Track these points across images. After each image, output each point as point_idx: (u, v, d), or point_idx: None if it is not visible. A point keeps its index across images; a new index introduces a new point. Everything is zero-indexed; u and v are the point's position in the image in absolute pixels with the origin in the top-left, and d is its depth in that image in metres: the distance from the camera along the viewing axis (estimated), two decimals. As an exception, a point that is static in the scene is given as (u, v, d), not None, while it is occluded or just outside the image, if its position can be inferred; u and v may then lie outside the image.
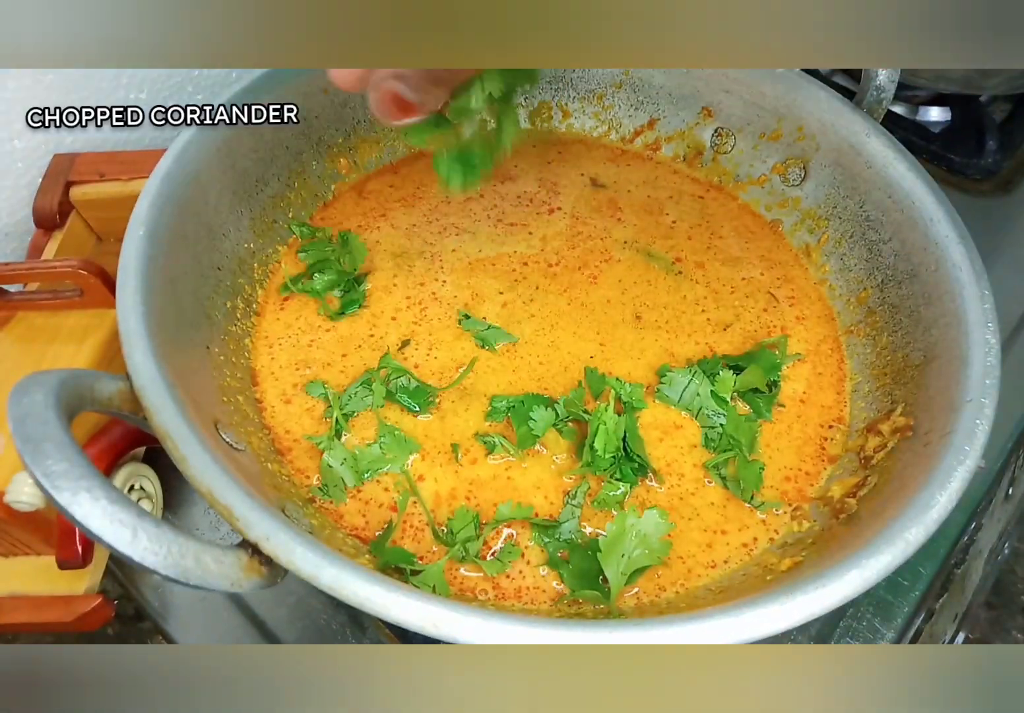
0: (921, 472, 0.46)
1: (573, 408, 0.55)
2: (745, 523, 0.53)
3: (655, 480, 0.54)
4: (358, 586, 0.37)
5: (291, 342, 0.59)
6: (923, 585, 0.60)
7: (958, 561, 0.64)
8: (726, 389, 0.57)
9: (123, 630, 0.59)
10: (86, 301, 0.57)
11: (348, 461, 0.52)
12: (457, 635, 0.36)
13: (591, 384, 0.57)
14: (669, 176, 0.74)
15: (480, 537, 0.50)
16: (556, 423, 0.54)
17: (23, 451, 0.33)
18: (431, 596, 0.37)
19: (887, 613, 0.58)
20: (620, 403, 0.55)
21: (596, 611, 0.48)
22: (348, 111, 0.67)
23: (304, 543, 0.37)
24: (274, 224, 0.63)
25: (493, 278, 0.64)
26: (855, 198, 0.64)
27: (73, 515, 0.33)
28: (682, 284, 0.65)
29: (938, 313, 0.55)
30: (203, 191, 0.55)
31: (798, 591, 0.39)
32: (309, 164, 0.66)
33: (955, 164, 0.86)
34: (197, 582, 0.35)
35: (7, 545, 0.52)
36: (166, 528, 0.34)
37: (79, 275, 0.54)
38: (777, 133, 0.69)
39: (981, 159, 0.85)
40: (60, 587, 0.52)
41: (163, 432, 0.40)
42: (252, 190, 0.61)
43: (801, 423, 0.58)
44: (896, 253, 0.60)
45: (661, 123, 0.74)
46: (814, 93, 0.66)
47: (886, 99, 0.63)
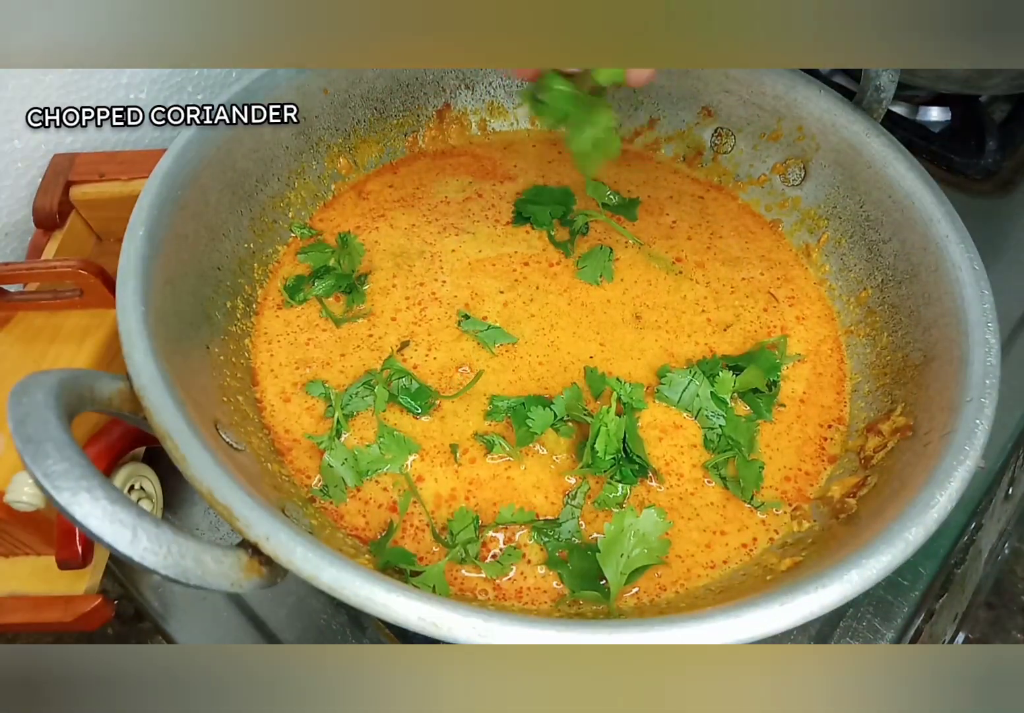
0: (921, 472, 0.46)
1: (574, 409, 0.55)
2: (745, 523, 0.53)
3: (655, 480, 0.54)
4: (358, 586, 0.37)
5: (289, 340, 0.59)
6: (923, 585, 0.60)
7: (958, 561, 0.64)
8: (725, 390, 0.57)
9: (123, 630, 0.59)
10: (86, 301, 0.57)
11: (349, 461, 0.52)
12: (457, 635, 0.36)
13: (591, 384, 0.57)
14: (669, 176, 0.74)
15: (479, 539, 0.50)
16: (554, 423, 0.54)
17: (23, 451, 0.33)
18: (431, 596, 0.37)
19: (887, 613, 0.58)
20: (620, 404, 0.55)
21: (596, 611, 0.48)
22: (348, 111, 0.67)
23: (304, 543, 0.37)
24: (274, 224, 0.63)
25: (493, 278, 0.64)
26: (855, 198, 0.64)
27: (73, 515, 0.33)
28: (682, 284, 0.65)
29: (938, 313, 0.55)
30: (203, 191, 0.55)
31: (798, 591, 0.39)
32: (309, 164, 0.66)
33: (955, 164, 0.86)
34: (197, 582, 0.35)
35: (7, 545, 0.52)
36: (166, 528, 0.34)
37: (79, 275, 0.54)
38: (777, 133, 0.69)
39: (981, 159, 0.85)
40: (60, 587, 0.52)
41: (163, 432, 0.40)
42: (252, 190, 0.61)
43: (801, 423, 0.58)
44: (896, 253, 0.60)
45: (661, 123, 0.74)
46: (814, 93, 0.66)
47: (886, 99, 0.63)
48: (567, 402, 0.55)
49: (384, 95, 0.69)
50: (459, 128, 0.74)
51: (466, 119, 0.74)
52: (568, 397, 0.55)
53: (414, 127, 0.72)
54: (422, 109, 0.72)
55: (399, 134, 0.72)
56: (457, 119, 0.74)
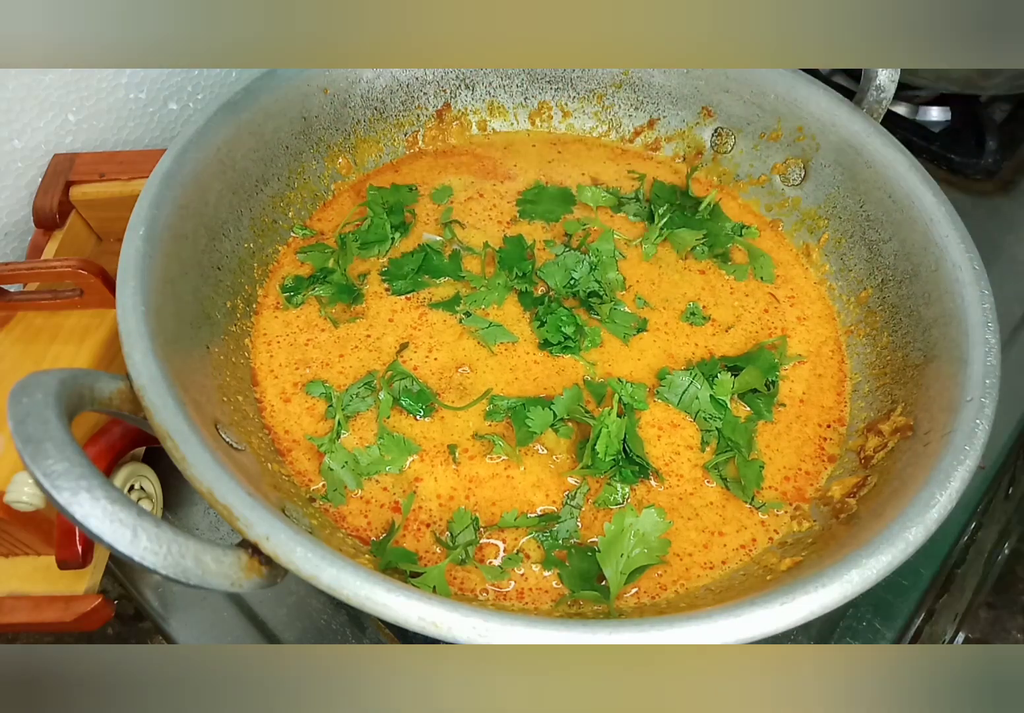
0: (921, 472, 0.46)
1: (575, 411, 0.55)
2: (744, 524, 0.53)
3: (656, 480, 0.54)
4: (358, 586, 0.37)
5: (289, 341, 0.59)
6: (923, 585, 0.60)
7: (958, 561, 0.64)
8: (725, 391, 0.57)
9: (123, 630, 0.59)
10: (86, 301, 0.57)
11: (349, 464, 0.52)
12: (457, 635, 0.36)
13: (591, 389, 0.57)
14: (669, 176, 0.74)
15: (479, 540, 0.50)
16: (554, 423, 0.54)
17: (23, 451, 0.33)
18: (431, 596, 0.37)
19: (887, 613, 0.58)
20: (621, 405, 0.55)
21: (596, 611, 0.48)
22: (348, 111, 0.67)
23: (304, 543, 0.37)
24: (274, 224, 0.63)
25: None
26: (855, 198, 0.64)
27: (73, 515, 0.33)
28: (683, 284, 0.65)
29: (938, 313, 0.55)
30: (203, 191, 0.55)
31: (798, 591, 0.39)
32: (309, 164, 0.66)
33: (955, 164, 0.86)
34: (197, 582, 0.35)
35: (7, 545, 0.52)
36: (166, 528, 0.34)
37: (79, 275, 0.54)
38: (777, 133, 0.69)
39: (981, 159, 0.85)
40: (60, 587, 0.52)
41: (163, 432, 0.40)
42: (252, 190, 0.61)
43: (801, 423, 0.58)
44: (896, 253, 0.60)
45: (661, 123, 0.74)
46: (814, 93, 0.66)
47: (886, 99, 0.63)
48: (567, 403, 0.55)
49: (384, 95, 0.69)
50: (459, 128, 0.74)
51: (466, 119, 0.74)
52: (568, 398, 0.55)
53: (414, 127, 0.72)
54: (422, 109, 0.72)
55: (399, 134, 0.72)
56: (457, 119, 0.74)
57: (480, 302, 0.61)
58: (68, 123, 0.68)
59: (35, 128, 0.66)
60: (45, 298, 0.57)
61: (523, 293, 0.62)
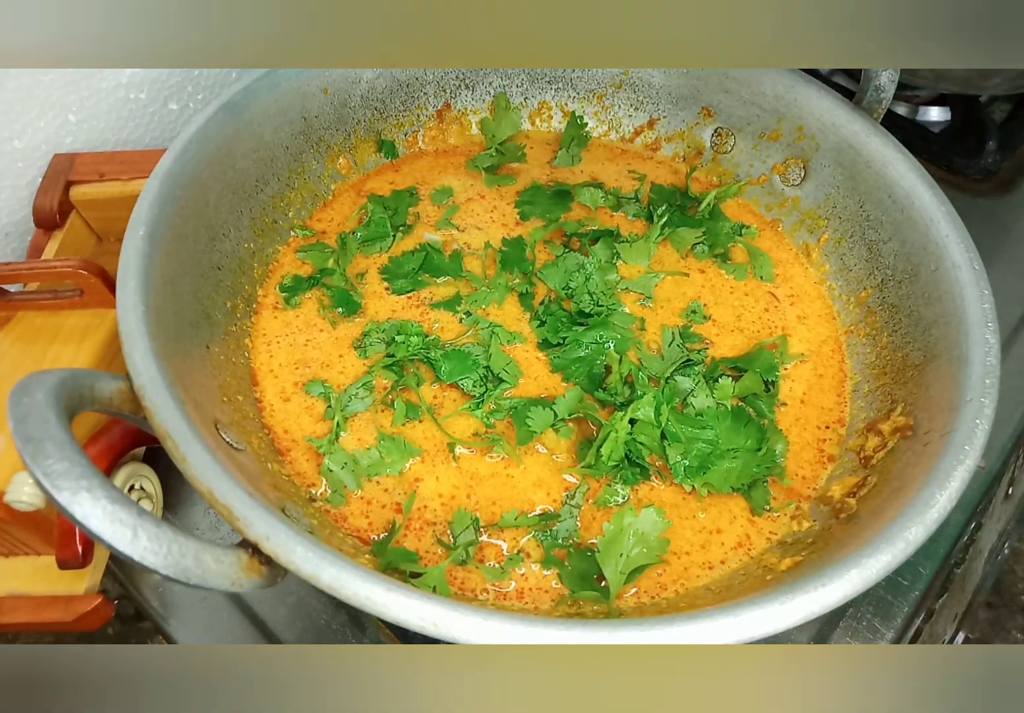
0: (921, 472, 0.46)
1: (589, 406, 0.55)
2: (743, 524, 0.53)
3: (657, 479, 0.54)
4: (358, 586, 0.37)
5: (289, 341, 0.59)
6: (923, 585, 0.60)
7: (958, 561, 0.64)
8: (725, 396, 0.56)
9: (123, 630, 0.59)
10: (86, 301, 0.57)
11: (348, 465, 0.52)
12: (457, 635, 0.36)
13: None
14: (669, 176, 0.74)
15: (479, 540, 0.50)
16: (554, 423, 0.54)
17: (23, 451, 0.33)
18: (431, 596, 0.37)
19: (887, 613, 0.58)
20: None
21: (596, 611, 0.48)
22: (348, 111, 0.67)
23: (304, 543, 0.37)
24: (274, 224, 0.63)
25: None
26: (855, 198, 0.64)
27: (73, 515, 0.33)
28: (683, 284, 0.65)
29: (938, 313, 0.55)
30: (203, 191, 0.55)
31: (798, 591, 0.39)
32: (309, 164, 0.66)
33: (955, 164, 0.86)
34: (197, 582, 0.35)
35: (7, 545, 0.52)
36: (166, 528, 0.34)
37: (79, 275, 0.54)
38: (777, 133, 0.69)
39: (981, 159, 0.85)
40: (60, 587, 0.52)
41: (163, 432, 0.40)
42: (252, 190, 0.61)
43: (801, 424, 0.58)
44: (896, 253, 0.60)
45: (661, 123, 0.74)
46: (814, 93, 0.66)
47: (886, 99, 0.63)
48: (569, 404, 0.55)
49: (384, 95, 0.69)
50: (459, 128, 0.74)
51: (466, 119, 0.74)
52: (571, 398, 0.55)
53: (414, 126, 0.72)
54: (422, 109, 0.72)
55: (399, 133, 0.72)
56: (457, 119, 0.74)
57: (481, 302, 0.61)
58: (68, 123, 0.68)
59: (35, 128, 0.66)
60: (45, 298, 0.57)
61: (523, 294, 0.62)
